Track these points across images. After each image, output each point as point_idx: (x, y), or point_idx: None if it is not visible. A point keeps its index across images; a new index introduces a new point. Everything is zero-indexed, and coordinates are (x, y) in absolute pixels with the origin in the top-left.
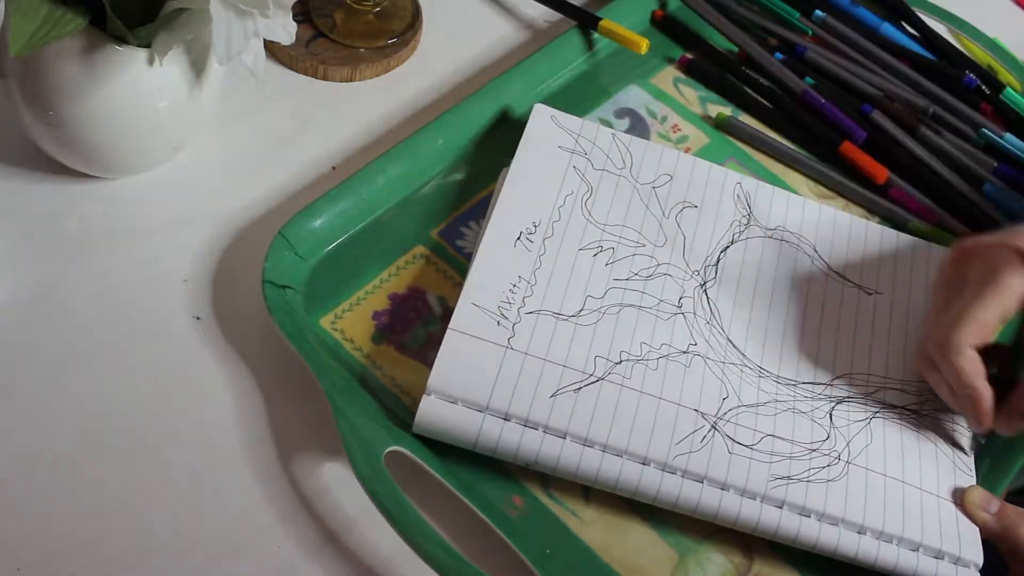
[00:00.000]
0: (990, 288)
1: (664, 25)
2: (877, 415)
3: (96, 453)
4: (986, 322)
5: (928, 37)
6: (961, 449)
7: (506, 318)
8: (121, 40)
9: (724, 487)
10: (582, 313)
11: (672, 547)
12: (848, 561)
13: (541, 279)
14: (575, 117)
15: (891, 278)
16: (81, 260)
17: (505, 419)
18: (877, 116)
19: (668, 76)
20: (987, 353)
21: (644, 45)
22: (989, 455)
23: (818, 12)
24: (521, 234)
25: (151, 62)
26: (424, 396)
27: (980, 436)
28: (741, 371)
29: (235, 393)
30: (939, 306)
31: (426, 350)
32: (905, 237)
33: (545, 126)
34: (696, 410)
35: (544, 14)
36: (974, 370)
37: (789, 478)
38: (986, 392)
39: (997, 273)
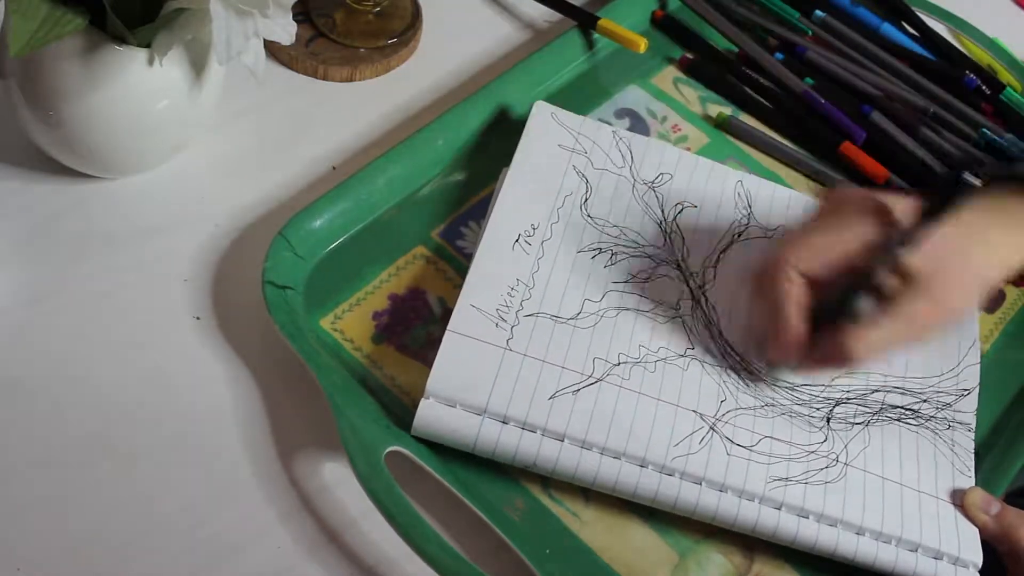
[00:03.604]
0: (834, 221)
1: (664, 25)
2: (876, 416)
3: (96, 453)
4: (818, 249)
5: (928, 37)
6: (960, 450)
7: (504, 320)
8: (121, 40)
9: (722, 488)
10: (580, 316)
11: (672, 547)
12: (847, 562)
13: (539, 282)
14: (576, 115)
15: None
16: (81, 260)
17: (504, 422)
18: (877, 116)
19: (668, 76)
20: (823, 291)
21: (643, 44)
22: (989, 456)
23: (818, 12)
24: (519, 237)
25: (151, 62)
26: (422, 399)
27: (775, 369)
28: (739, 373)
29: (235, 393)
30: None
31: (426, 350)
32: None
33: (546, 124)
34: (694, 411)
35: (544, 14)
36: (790, 296)
37: (787, 479)
38: (794, 321)
39: (848, 214)
